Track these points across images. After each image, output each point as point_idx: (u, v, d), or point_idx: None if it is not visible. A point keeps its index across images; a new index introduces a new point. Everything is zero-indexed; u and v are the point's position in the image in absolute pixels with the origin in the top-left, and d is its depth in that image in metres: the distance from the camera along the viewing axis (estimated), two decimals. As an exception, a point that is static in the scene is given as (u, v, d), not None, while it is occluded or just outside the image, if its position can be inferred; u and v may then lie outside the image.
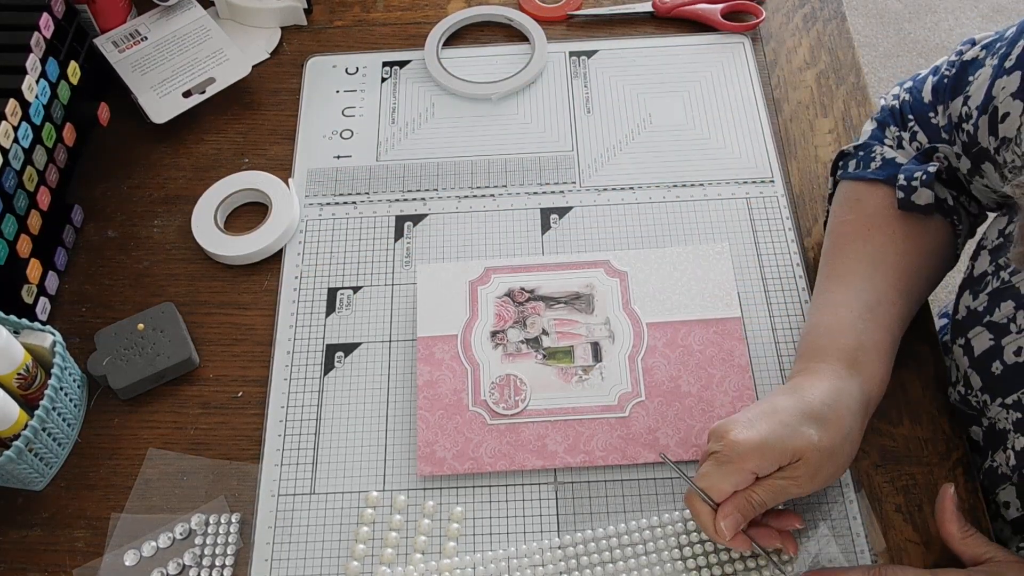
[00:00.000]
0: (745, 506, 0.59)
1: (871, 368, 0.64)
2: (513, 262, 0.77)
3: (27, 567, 0.67)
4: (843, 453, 0.61)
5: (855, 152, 0.73)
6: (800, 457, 0.59)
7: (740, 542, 0.61)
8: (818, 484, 0.60)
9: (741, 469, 0.58)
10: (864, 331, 0.65)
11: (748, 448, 0.58)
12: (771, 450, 0.58)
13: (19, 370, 0.68)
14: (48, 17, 0.79)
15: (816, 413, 0.60)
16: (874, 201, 0.70)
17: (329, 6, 0.97)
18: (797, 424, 0.59)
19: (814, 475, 0.59)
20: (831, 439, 0.59)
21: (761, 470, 0.59)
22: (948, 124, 0.69)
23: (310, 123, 0.89)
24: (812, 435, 0.59)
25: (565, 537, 0.66)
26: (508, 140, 0.87)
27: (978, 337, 0.65)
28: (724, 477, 0.59)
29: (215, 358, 0.76)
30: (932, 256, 0.70)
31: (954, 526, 0.61)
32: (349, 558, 0.66)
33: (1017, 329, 0.62)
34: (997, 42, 0.65)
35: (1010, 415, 0.63)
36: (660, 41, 0.93)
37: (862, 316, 0.66)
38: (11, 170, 0.73)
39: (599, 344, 0.73)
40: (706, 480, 0.59)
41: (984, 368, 0.65)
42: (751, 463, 0.58)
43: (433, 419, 0.70)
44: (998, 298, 0.63)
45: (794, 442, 0.58)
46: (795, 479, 0.59)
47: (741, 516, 0.59)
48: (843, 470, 0.62)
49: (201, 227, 0.81)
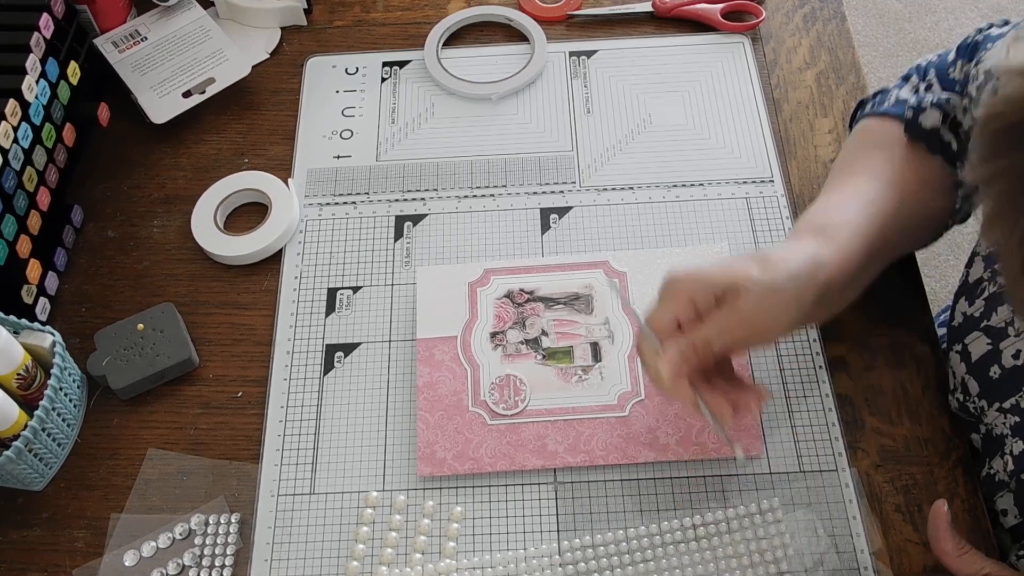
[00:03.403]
0: (686, 347, 0.58)
1: (838, 241, 0.62)
2: (512, 263, 0.77)
3: (27, 567, 0.67)
4: (787, 294, 0.58)
5: (872, 97, 0.74)
6: (737, 288, 0.58)
7: (683, 392, 0.59)
8: (764, 324, 0.59)
9: (679, 297, 0.59)
10: (842, 213, 0.64)
11: (684, 276, 0.59)
12: (706, 278, 0.59)
13: (19, 370, 0.68)
14: (48, 17, 0.79)
15: (760, 255, 0.60)
16: (882, 131, 0.70)
17: (329, 6, 0.97)
18: (738, 263, 0.59)
19: (757, 310, 0.58)
20: (772, 276, 0.58)
21: (699, 299, 0.59)
22: (963, 80, 0.69)
23: (310, 123, 0.89)
24: (752, 268, 0.58)
25: (564, 543, 0.66)
26: (508, 140, 0.87)
27: (975, 342, 0.65)
28: (663, 308, 0.60)
29: (215, 358, 0.76)
30: (927, 190, 0.68)
31: (949, 544, 0.60)
32: (349, 558, 0.66)
33: (1015, 332, 0.61)
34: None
35: (1008, 419, 0.63)
36: (660, 41, 0.93)
37: (846, 206, 0.65)
38: (11, 170, 0.73)
39: (598, 344, 0.73)
40: (649, 313, 0.60)
41: (982, 373, 0.64)
42: (686, 288, 0.59)
43: (433, 420, 0.70)
44: (995, 302, 0.63)
45: (731, 274, 0.58)
46: (736, 315, 0.58)
47: (681, 358, 0.58)
48: (790, 317, 0.59)
49: (201, 227, 0.81)
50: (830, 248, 0.61)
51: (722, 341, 0.59)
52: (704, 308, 0.59)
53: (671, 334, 0.59)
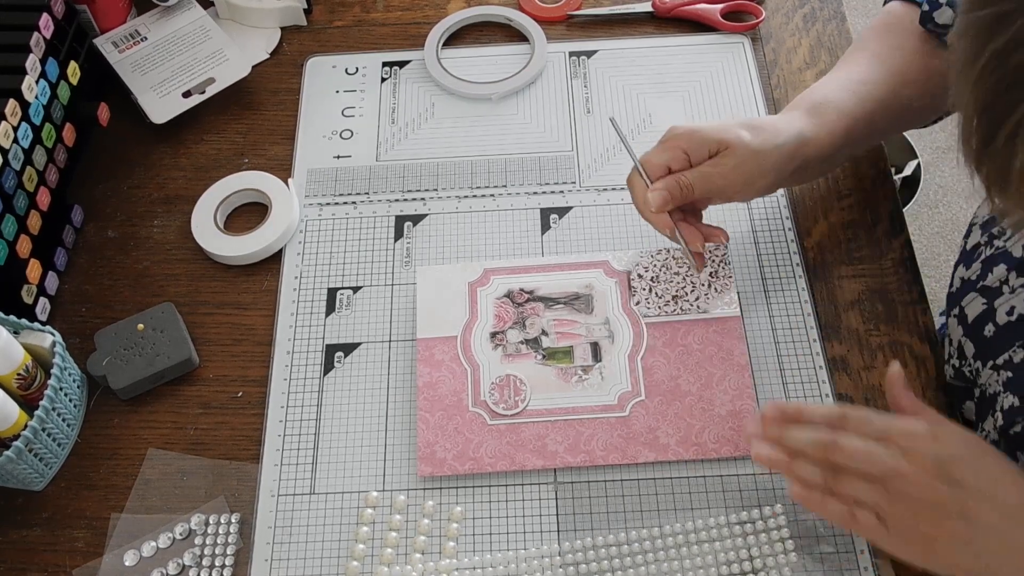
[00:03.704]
0: (673, 184, 0.67)
1: (826, 119, 0.69)
2: (512, 263, 0.77)
3: (27, 567, 0.67)
4: (770, 159, 0.67)
5: None
6: (728, 146, 0.66)
7: (662, 221, 0.69)
8: (742, 180, 0.67)
9: (674, 147, 0.67)
10: (837, 94, 0.71)
11: (683, 131, 0.68)
12: (702, 133, 0.67)
13: (19, 370, 0.68)
14: (48, 17, 0.79)
15: (754, 123, 0.68)
16: (899, 13, 0.76)
17: (329, 6, 0.97)
18: (733, 125, 0.68)
19: (738, 167, 0.66)
20: (761, 142, 0.66)
21: (693, 152, 0.67)
22: None
23: (310, 123, 0.89)
24: (743, 133, 0.67)
25: (565, 544, 0.66)
26: (508, 140, 0.87)
27: (971, 304, 0.66)
28: (659, 153, 0.68)
29: (215, 358, 0.76)
30: (931, 81, 0.72)
31: (905, 401, 0.62)
32: (349, 558, 0.66)
33: (1009, 290, 0.63)
34: None
35: (1000, 375, 0.63)
36: (660, 41, 0.93)
37: (843, 85, 0.72)
38: (11, 170, 0.73)
39: (598, 344, 0.73)
40: (645, 157, 0.69)
41: (977, 333, 0.65)
42: (683, 142, 0.67)
43: (433, 420, 0.70)
44: (991, 264, 0.65)
45: (724, 133, 0.67)
46: (720, 167, 0.67)
47: (668, 193, 0.67)
48: (768, 180, 0.68)
49: (201, 227, 0.81)
50: (816, 127, 0.69)
51: (703, 186, 0.67)
52: (696, 160, 0.68)
53: (662, 175, 0.68)
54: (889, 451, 0.57)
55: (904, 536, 0.57)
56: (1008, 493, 0.55)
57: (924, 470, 0.56)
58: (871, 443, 0.57)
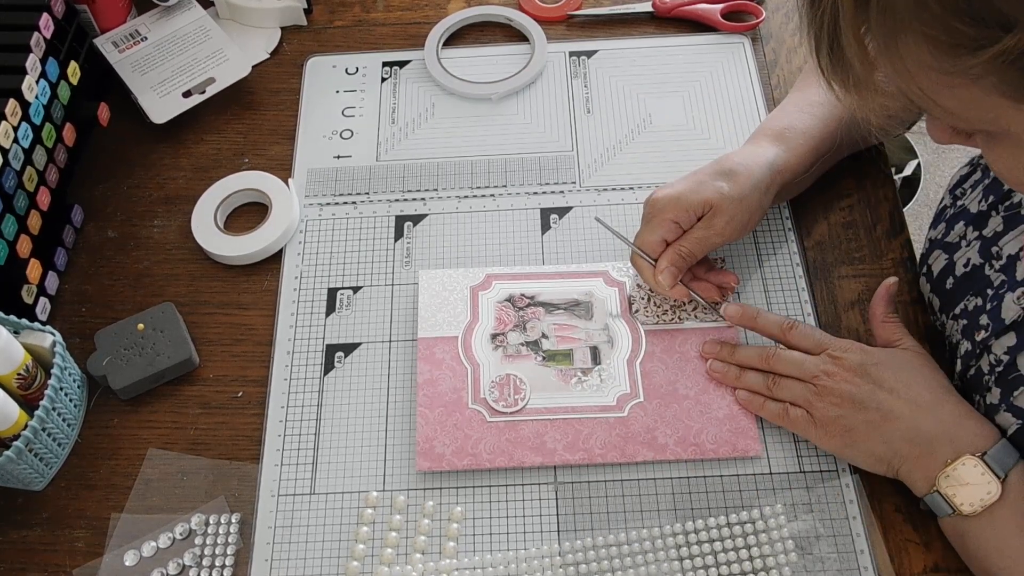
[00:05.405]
0: (675, 257, 0.70)
1: (793, 144, 0.72)
2: (514, 270, 0.77)
3: (27, 567, 0.67)
4: (753, 201, 0.69)
5: None
6: (713, 206, 0.69)
7: (679, 292, 0.71)
8: (735, 231, 0.70)
9: (663, 220, 0.69)
10: (799, 118, 0.74)
11: (665, 201, 0.70)
12: (685, 200, 0.69)
13: (19, 370, 0.68)
14: (48, 17, 0.79)
15: (727, 169, 0.70)
16: None
17: (329, 6, 0.97)
18: (710, 180, 0.70)
19: (729, 222, 0.69)
20: (740, 189, 0.69)
21: (682, 220, 0.69)
22: None
23: (310, 123, 0.89)
24: (723, 187, 0.69)
25: (565, 544, 0.66)
26: (508, 140, 0.87)
27: (936, 260, 0.72)
28: (651, 230, 0.70)
29: (215, 358, 0.76)
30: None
31: (880, 308, 0.69)
32: (349, 558, 0.66)
33: (966, 243, 0.68)
34: None
35: (958, 324, 0.68)
36: (660, 41, 0.93)
37: (803, 109, 0.75)
38: (11, 170, 0.73)
39: (598, 348, 0.73)
40: (639, 238, 0.71)
41: (941, 287, 0.71)
42: (670, 213, 0.69)
43: (433, 416, 0.70)
44: (953, 221, 0.71)
45: (705, 193, 0.69)
46: (713, 227, 0.69)
47: (675, 267, 0.70)
48: (756, 218, 0.71)
49: (201, 227, 0.81)
50: (785, 153, 0.72)
51: (702, 249, 0.70)
52: (686, 225, 0.70)
53: (661, 250, 0.70)
54: (819, 359, 0.66)
55: (828, 428, 0.65)
56: (920, 392, 0.63)
57: (848, 370, 0.65)
58: (804, 355, 0.67)
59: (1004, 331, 0.62)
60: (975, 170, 0.71)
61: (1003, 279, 0.63)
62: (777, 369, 0.68)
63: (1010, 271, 0.63)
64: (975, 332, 0.65)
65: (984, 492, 0.59)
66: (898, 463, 0.63)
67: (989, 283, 0.65)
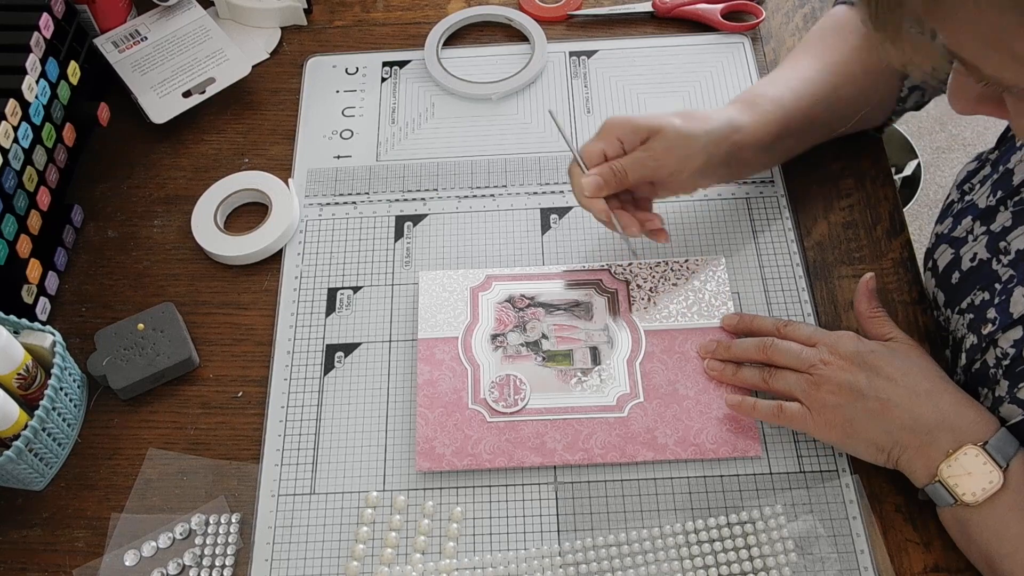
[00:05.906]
0: (606, 171, 0.70)
1: (761, 110, 0.73)
2: (514, 270, 0.77)
3: (27, 567, 0.67)
4: (699, 144, 0.69)
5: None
6: (659, 131, 0.70)
7: (598, 205, 0.71)
8: (674, 162, 0.70)
9: (609, 136, 0.71)
10: (773, 88, 0.75)
11: (618, 121, 0.71)
12: (634, 122, 0.71)
13: (19, 370, 0.68)
14: (48, 17, 0.79)
15: (687, 112, 0.72)
16: (841, 16, 0.80)
17: (329, 6, 0.97)
18: (666, 114, 0.71)
19: (668, 150, 0.69)
20: (691, 127, 0.70)
21: (626, 140, 0.70)
22: None
23: (310, 123, 0.89)
24: (674, 120, 0.70)
25: (565, 544, 0.66)
26: (508, 140, 0.87)
27: (942, 255, 0.71)
28: (595, 142, 0.71)
29: (215, 358, 0.76)
30: (870, 78, 0.76)
31: (864, 305, 0.69)
32: (349, 558, 0.66)
33: (973, 238, 0.68)
34: None
35: (964, 318, 0.68)
36: (660, 41, 0.93)
37: (781, 82, 0.75)
38: (11, 170, 0.73)
39: (598, 348, 0.73)
40: (583, 147, 0.72)
41: (946, 282, 0.71)
42: (617, 131, 0.71)
43: (432, 416, 0.70)
44: (960, 217, 0.70)
45: (656, 120, 0.70)
46: (651, 149, 0.70)
47: (601, 179, 0.70)
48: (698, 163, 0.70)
49: (201, 227, 0.81)
50: (750, 115, 0.72)
51: (636, 171, 0.70)
52: (629, 147, 0.71)
53: (598, 163, 0.71)
54: (816, 350, 0.67)
55: (826, 418, 0.65)
56: (918, 381, 0.63)
57: (844, 359, 0.65)
58: (801, 345, 0.68)
59: (1012, 325, 0.62)
60: (983, 165, 0.71)
61: (1012, 274, 0.64)
62: (774, 358, 0.68)
63: (1019, 266, 0.63)
64: (982, 326, 0.65)
65: (986, 481, 0.59)
66: (898, 453, 0.63)
67: (997, 278, 0.65)
